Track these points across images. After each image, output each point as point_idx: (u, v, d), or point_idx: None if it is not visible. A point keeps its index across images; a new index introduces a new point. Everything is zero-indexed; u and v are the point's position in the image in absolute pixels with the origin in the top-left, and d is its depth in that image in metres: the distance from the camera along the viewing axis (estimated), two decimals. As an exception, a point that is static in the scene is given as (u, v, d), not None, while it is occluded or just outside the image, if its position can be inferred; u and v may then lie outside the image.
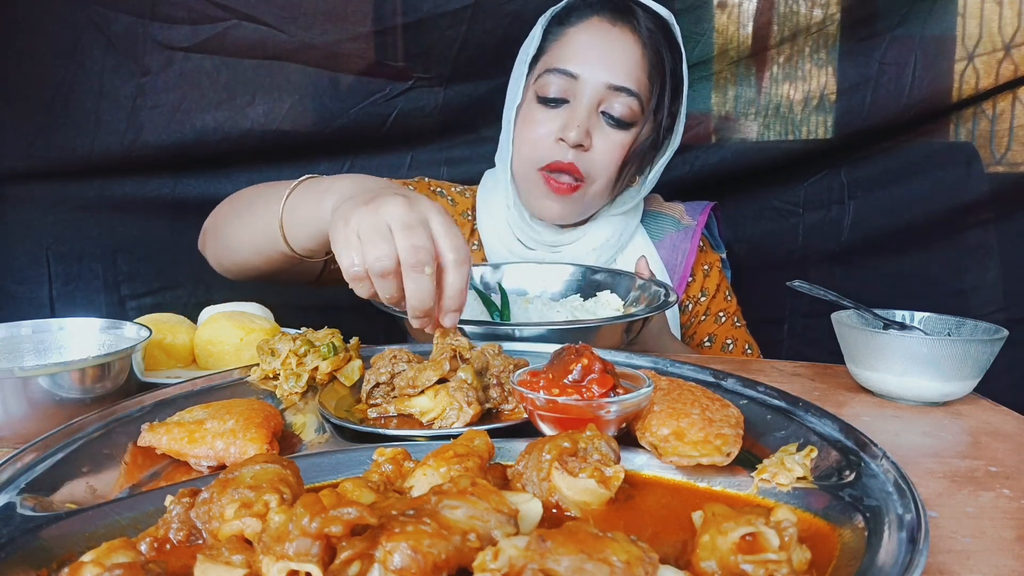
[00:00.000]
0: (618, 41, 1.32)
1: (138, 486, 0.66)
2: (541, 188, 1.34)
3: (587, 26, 1.33)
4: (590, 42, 1.32)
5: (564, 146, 1.30)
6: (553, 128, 1.32)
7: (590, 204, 1.40)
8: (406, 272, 0.79)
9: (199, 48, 1.64)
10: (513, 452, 0.65)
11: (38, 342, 0.94)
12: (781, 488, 0.60)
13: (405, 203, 0.81)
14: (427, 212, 0.82)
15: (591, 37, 1.33)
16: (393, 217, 0.80)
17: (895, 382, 0.93)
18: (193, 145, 1.69)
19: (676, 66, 1.37)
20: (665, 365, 0.89)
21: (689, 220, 1.56)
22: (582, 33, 1.33)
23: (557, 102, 1.32)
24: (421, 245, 0.79)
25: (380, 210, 0.81)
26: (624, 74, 1.31)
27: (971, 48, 1.81)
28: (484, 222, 1.49)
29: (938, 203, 1.88)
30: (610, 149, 1.33)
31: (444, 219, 0.83)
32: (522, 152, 1.36)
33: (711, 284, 1.55)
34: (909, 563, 0.46)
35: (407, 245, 0.79)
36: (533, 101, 1.35)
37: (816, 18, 1.84)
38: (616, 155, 1.34)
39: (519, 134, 1.37)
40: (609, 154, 1.34)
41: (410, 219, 0.80)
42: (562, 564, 0.40)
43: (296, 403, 0.84)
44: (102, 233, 1.72)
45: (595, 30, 1.33)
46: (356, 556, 0.41)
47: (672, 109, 1.39)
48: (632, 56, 1.32)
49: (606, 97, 1.31)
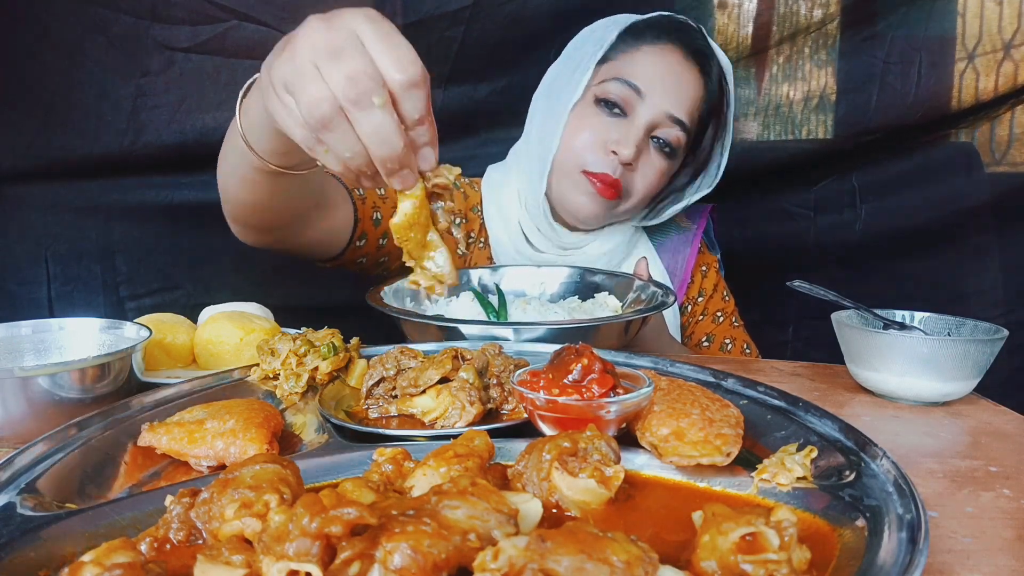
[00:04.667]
0: (687, 76, 1.34)
1: (138, 486, 0.66)
2: (584, 187, 1.34)
3: (662, 50, 1.34)
4: (662, 67, 1.33)
5: (614, 159, 1.31)
6: (608, 138, 1.31)
7: (615, 216, 1.42)
8: (351, 114, 0.63)
9: (199, 49, 1.64)
10: (513, 452, 0.65)
11: (38, 342, 0.94)
12: (781, 488, 0.60)
13: (322, 24, 0.65)
14: (355, 25, 0.64)
15: (664, 62, 1.33)
16: (313, 48, 0.64)
17: (895, 382, 0.93)
18: (193, 145, 1.69)
19: (726, 115, 1.40)
20: (665, 365, 0.89)
21: (689, 224, 1.58)
22: (656, 55, 1.33)
23: (615, 109, 1.32)
24: (357, 70, 0.62)
25: (297, 47, 0.65)
26: (684, 108, 1.33)
27: (971, 48, 1.81)
28: (493, 218, 1.48)
29: (941, 205, 1.88)
30: (652, 172, 1.36)
31: (379, 28, 0.64)
32: (571, 148, 1.34)
33: (708, 284, 1.56)
34: (909, 563, 0.46)
35: (339, 77, 0.62)
36: (590, 103, 1.34)
37: (816, 18, 1.84)
38: (655, 180, 1.37)
39: (570, 132, 1.35)
40: (650, 177, 1.36)
41: (333, 42, 0.63)
42: (562, 564, 0.40)
43: (296, 403, 0.84)
44: (101, 234, 1.72)
45: (669, 57, 1.34)
46: (356, 556, 0.41)
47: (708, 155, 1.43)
48: (695, 94, 1.35)
49: (662, 124, 1.33)
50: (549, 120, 1.37)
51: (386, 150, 0.64)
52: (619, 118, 1.32)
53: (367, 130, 0.63)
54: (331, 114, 0.63)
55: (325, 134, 0.65)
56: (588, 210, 1.36)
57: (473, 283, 1.31)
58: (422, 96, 0.64)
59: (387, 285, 1.21)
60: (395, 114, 0.64)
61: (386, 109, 0.63)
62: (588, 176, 1.32)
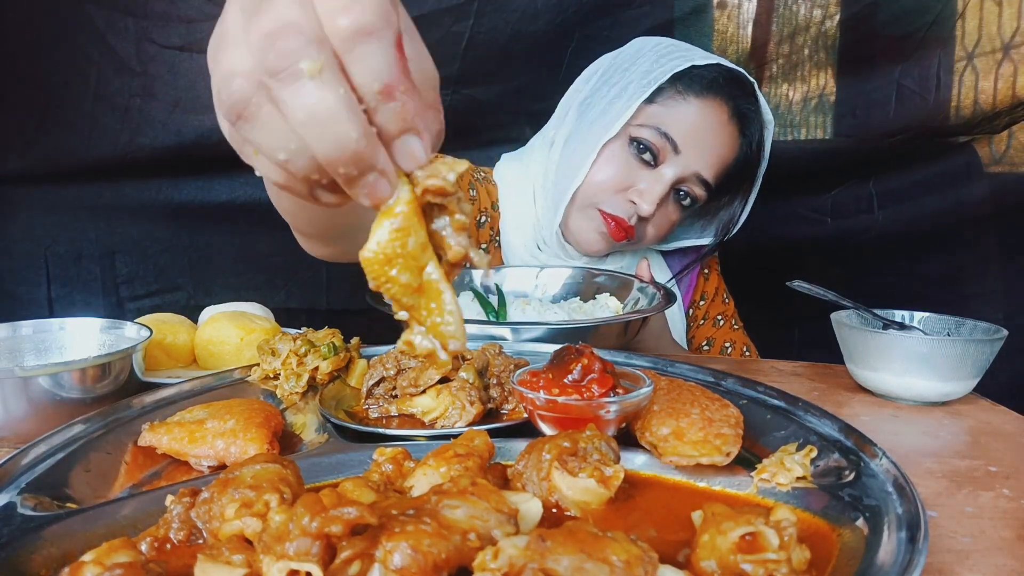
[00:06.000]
0: (726, 138, 1.32)
1: (138, 486, 0.66)
2: (596, 223, 1.33)
3: (710, 106, 1.29)
4: (703, 125, 1.30)
5: (632, 208, 1.30)
6: (632, 185, 1.30)
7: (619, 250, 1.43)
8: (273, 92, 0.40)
9: (195, 47, 1.63)
10: (513, 452, 0.65)
11: (39, 342, 0.94)
12: (781, 488, 0.60)
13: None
14: None
15: (707, 119, 1.30)
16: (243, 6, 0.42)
17: (895, 382, 0.93)
18: (191, 146, 1.69)
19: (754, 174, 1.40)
20: (665, 365, 0.89)
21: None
22: (703, 112, 1.29)
23: (646, 155, 1.29)
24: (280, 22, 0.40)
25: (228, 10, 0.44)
26: (713, 170, 1.32)
27: (970, 48, 1.81)
28: (508, 220, 1.45)
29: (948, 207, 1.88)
30: (665, 222, 1.37)
31: None
32: (593, 183, 1.31)
33: (710, 288, 1.56)
34: (909, 563, 0.46)
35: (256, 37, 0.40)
36: (624, 141, 1.30)
37: (816, 18, 1.84)
38: (667, 227, 1.38)
39: (597, 165, 1.31)
40: (663, 226, 1.37)
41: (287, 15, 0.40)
42: (562, 564, 0.40)
43: (296, 403, 0.84)
44: (101, 234, 1.72)
45: (714, 115, 1.30)
46: (356, 556, 0.42)
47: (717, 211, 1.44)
48: (729, 156, 1.34)
49: (688, 180, 1.32)
50: (578, 149, 1.33)
51: (331, 145, 0.41)
52: (648, 167, 1.30)
53: (298, 115, 0.40)
54: (248, 94, 0.41)
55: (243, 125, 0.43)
56: (595, 246, 1.36)
57: (474, 283, 1.31)
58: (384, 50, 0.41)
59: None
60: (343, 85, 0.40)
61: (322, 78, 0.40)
62: (603, 215, 1.31)
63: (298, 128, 0.41)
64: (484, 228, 1.45)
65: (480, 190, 1.45)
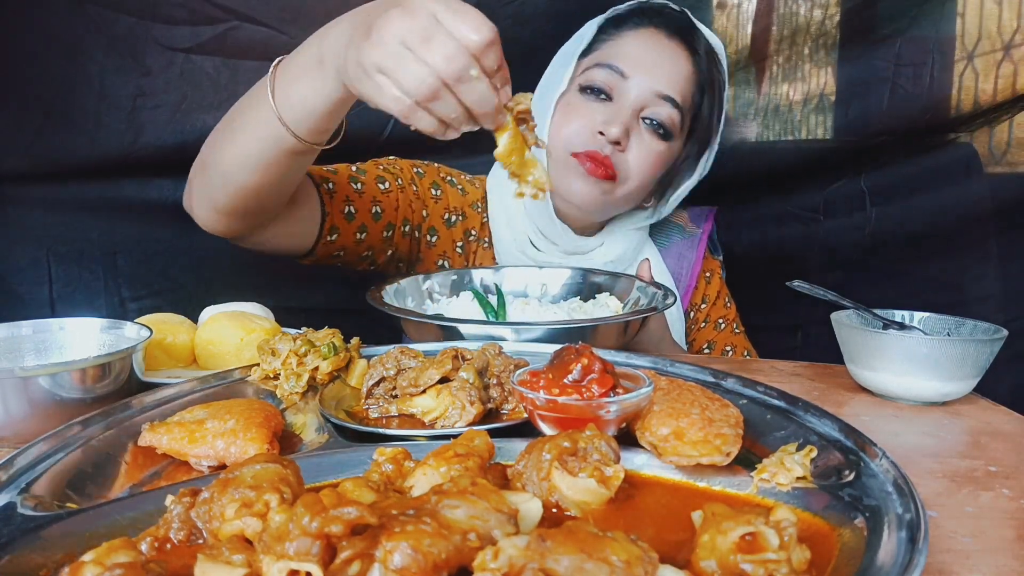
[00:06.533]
0: (672, 53, 1.34)
1: (138, 486, 0.66)
2: (575, 170, 1.32)
3: (644, 33, 1.34)
4: (644, 48, 1.33)
5: (602, 140, 1.30)
6: (594, 120, 1.31)
7: (615, 205, 1.39)
8: (454, 87, 0.75)
9: (200, 49, 1.64)
10: (513, 452, 0.65)
11: (39, 342, 0.94)
12: (781, 488, 0.60)
13: (403, 12, 0.74)
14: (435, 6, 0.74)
15: (646, 43, 1.33)
16: (400, 34, 0.74)
17: (895, 382, 0.93)
18: (193, 146, 1.67)
19: (720, 93, 1.39)
20: (665, 365, 0.89)
21: (694, 228, 1.56)
22: (638, 39, 1.34)
23: (601, 94, 1.32)
24: (452, 52, 0.73)
25: (384, 35, 0.74)
26: (671, 85, 1.32)
27: (971, 48, 1.81)
28: (497, 217, 1.46)
29: (945, 207, 1.88)
30: (645, 155, 1.33)
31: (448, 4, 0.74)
32: (559, 136, 1.33)
33: (712, 291, 1.55)
34: (909, 563, 0.46)
35: (438, 59, 0.73)
36: (575, 91, 1.34)
37: (816, 19, 1.84)
38: (650, 161, 1.34)
39: (558, 121, 1.34)
40: (644, 159, 1.34)
41: (419, 27, 0.73)
42: (562, 564, 0.40)
43: (296, 403, 0.84)
44: (103, 234, 1.72)
45: (651, 38, 1.34)
46: (356, 556, 0.42)
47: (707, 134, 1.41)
48: (683, 70, 1.34)
49: (650, 103, 1.31)
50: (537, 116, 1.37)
51: (486, 107, 0.77)
52: (606, 102, 1.32)
53: (472, 99, 0.76)
54: (436, 88, 0.75)
55: (432, 104, 0.76)
56: (583, 194, 1.34)
57: (474, 283, 1.31)
58: (497, 49, 0.75)
59: (388, 285, 1.21)
60: (484, 79, 0.75)
61: (482, 76, 0.75)
62: (577, 157, 1.31)
63: (468, 104, 0.77)
64: (456, 227, 1.46)
65: (446, 189, 1.46)
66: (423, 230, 1.43)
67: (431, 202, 1.44)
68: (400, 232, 1.37)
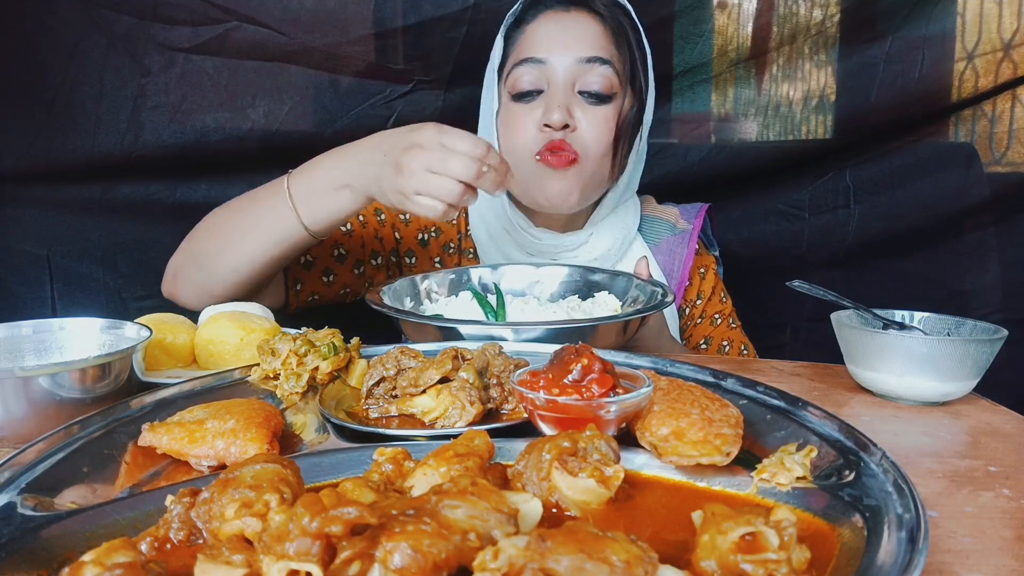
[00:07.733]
0: (576, 22, 1.35)
1: (138, 486, 0.66)
2: (540, 171, 1.33)
3: (544, 18, 1.36)
4: (549, 29, 1.35)
5: (550, 131, 1.31)
6: (535, 118, 1.32)
7: (591, 184, 1.38)
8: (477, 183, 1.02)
9: (200, 49, 1.64)
10: (513, 452, 0.65)
11: (39, 342, 0.94)
12: (781, 488, 0.60)
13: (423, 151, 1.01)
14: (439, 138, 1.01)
15: (548, 25, 1.35)
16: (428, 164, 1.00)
17: (895, 382, 0.93)
18: (193, 146, 1.69)
19: (639, 38, 1.39)
20: (665, 365, 0.89)
21: (685, 224, 1.55)
22: (540, 25, 1.35)
23: (532, 94, 1.33)
24: (468, 163, 1.00)
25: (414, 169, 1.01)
26: (590, 46, 1.32)
27: (971, 48, 1.81)
28: (478, 229, 1.48)
29: (939, 204, 1.88)
30: (596, 124, 1.33)
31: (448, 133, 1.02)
32: (513, 148, 1.35)
33: (707, 287, 1.55)
34: (908, 563, 0.46)
35: (460, 171, 1.00)
36: (509, 102, 1.36)
37: (816, 18, 1.84)
38: (603, 129, 1.34)
39: (504, 136, 1.37)
40: (596, 129, 1.33)
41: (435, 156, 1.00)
42: (562, 564, 0.40)
43: (296, 403, 0.84)
44: (103, 234, 1.71)
45: (552, 19, 1.36)
46: (356, 556, 0.42)
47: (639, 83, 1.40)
48: (594, 31, 1.34)
49: (580, 74, 1.32)
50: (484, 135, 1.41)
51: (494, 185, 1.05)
52: (539, 97, 1.33)
53: (488, 184, 1.04)
54: (461, 192, 1.02)
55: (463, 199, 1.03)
56: (556, 189, 1.34)
57: (473, 283, 1.31)
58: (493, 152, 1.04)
59: (387, 285, 1.21)
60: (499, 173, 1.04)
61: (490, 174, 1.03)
62: (540, 156, 1.32)
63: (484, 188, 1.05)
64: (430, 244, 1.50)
65: None
66: (400, 254, 1.47)
67: (401, 226, 1.46)
68: (371, 266, 1.42)
